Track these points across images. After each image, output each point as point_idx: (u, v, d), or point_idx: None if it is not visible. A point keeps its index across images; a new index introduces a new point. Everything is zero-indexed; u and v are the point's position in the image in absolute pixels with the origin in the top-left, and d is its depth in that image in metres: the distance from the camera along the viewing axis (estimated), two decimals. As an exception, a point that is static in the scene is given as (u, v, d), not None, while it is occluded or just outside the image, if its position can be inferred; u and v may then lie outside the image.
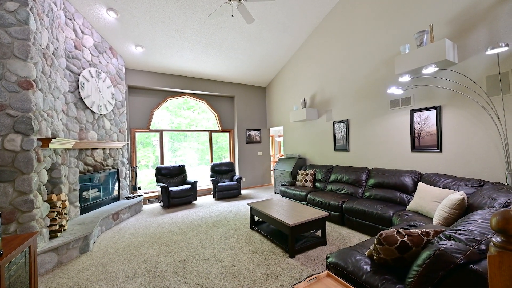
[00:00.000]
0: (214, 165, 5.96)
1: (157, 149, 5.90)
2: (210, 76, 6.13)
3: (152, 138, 6.16)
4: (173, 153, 6.39)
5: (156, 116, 5.83)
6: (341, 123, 4.52)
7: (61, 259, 2.53)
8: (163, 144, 5.85)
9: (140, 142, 5.78)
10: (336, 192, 4.00)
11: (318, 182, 4.61)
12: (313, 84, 5.25)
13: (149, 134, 5.82)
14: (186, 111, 6.43)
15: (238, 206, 4.80)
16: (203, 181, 6.54)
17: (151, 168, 6.11)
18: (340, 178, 4.13)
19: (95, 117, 3.95)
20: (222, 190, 5.41)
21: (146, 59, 5.02)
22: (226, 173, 6.05)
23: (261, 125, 7.14)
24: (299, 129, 5.74)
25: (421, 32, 3.00)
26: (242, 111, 6.79)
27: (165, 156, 6.17)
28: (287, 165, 5.54)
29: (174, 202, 4.80)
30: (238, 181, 5.64)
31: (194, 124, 6.47)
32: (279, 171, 5.70)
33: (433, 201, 2.50)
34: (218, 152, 7.04)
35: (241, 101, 6.78)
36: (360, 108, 4.17)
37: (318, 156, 5.17)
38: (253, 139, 6.95)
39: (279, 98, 6.56)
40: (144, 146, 5.84)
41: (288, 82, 6.11)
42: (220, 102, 6.69)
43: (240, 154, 6.72)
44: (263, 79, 6.73)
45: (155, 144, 6.36)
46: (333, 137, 4.71)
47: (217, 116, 6.56)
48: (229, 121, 6.81)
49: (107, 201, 4.23)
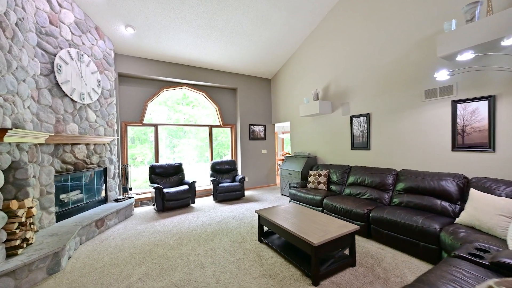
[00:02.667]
0: (215, 164, 5.40)
1: (153, 145, 5.32)
2: (210, 65, 5.53)
3: (150, 134, 5.65)
4: (171, 149, 5.88)
5: (152, 111, 5.25)
6: (361, 118, 3.96)
7: (19, 284, 1.98)
8: (158, 140, 5.27)
9: (138, 138, 5.24)
10: (357, 197, 3.45)
11: (333, 184, 4.06)
12: (327, 74, 4.67)
13: (145, 129, 5.24)
14: (185, 106, 5.87)
15: (242, 210, 4.26)
16: (202, 180, 5.99)
17: (147, 165, 5.61)
18: (360, 181, 3.58)
19: (76, 107, 3.37)
20: (223, 192, 4.86)
21: (139, 43, 4.42)
22: (228, 173, 5.50)
23: (265, 121, 6.57)
24: (309, 124, 5.18)
25: (473, 3, 2.43)
26: (245, 105, 6.22)
27: (163, 153, 5.63)
28: (296, 164, 4.98)
29: (169, 205, 4.24)
30: (241, 182, 5.09)
31: (193, 120, 5.90)
32: (287, 171, 5.15)
33: (498, 214, 1.95)
34: (217, 149, 6.49)
35: (244, 93, 6.20)
36: (384, 100, 3.60)
37: (331, 155, 4.61)
38: (257, 135, 6.38)
39: (286, 91, 5.98)
40: (142, 142, 5.29)
41: (297, 73, 5.53)
42: (222, 95, 6.10)
43: (243, 151, 6.16)
44: (268, 69, 6.14)
45: (152, 140, 5.82)
46: (351, 133, 4.15)
47: (218, 109, 5.98)
48: (231, 116, 6.23)
49: (91, 205, 3.67)
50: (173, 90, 5.46)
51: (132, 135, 5.19)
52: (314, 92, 4.62)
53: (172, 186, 4.69)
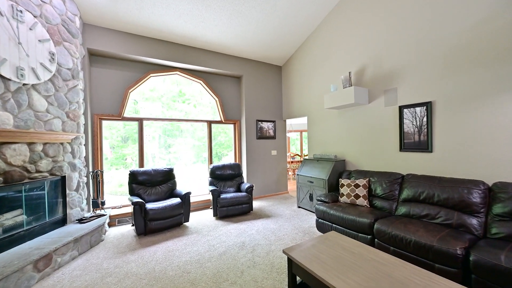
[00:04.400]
0: (215, 168, 4.31)
1: (148, 145, 4.24)
2: (210, 45, 4.43)
3: (144, 132, 4.67)
4: (166, 149, 4.86)
5: (142, 107, 4.14)
6: (417, 108, 2.90)
7: None
8: (143, 138, 4.16)
9: (129, 137, 4.25)
10: (425, 221, 2.38)
11: (377, 198, 3.00)
12: (360, 54, 3.61)
13: (137, 126, 4.15)
14: (181, 104, 4.85)
15: (252, 232, 3.18)
16: (199, 186, 4.92)
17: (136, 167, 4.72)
18: (425, 197, 2.52)
19: (10, 88, 2.25)
20: (226, 206, 3.77)
21: (115, 11, 3.31)
22: (231, 179, 4.41)
23: (275, 116, 5.49)
24: (335, 119, 4.12)
25: None
26: (252, 97, 5.13)
27: (157, 153, 4.71)
28: (319, 170, 3.91)
29: (154, 226, 3.14)
30: (249, 192, 4.01)
31: (190, 117, 4.82)
32: (306, 178, 4.07)
33: None
34: (215, 149, 5.44)
35: (251, 83, 5.12)
36: (455, 82, 2.55)
37: (368, 158, 3.55)
38: (265, 133, 5.30)
39: (301, 79, 4.90)
40: (134, 142, 4.26)
41: (317, 56, 4.46)
42: (223, 84, 5.01)
43: (249, 153, 5.07)
44: (280, 54, 5.06)
45: (149, 139, 4.76)
46: (399, 130, 3.10)
47: (218, 101, 4.89)
48: (234, 110, 5.14)
49: (39, 231, 2.55)
50: (163, 75, 4.35)
51: (124, 133, 4.20)
52: (345, 77, 3.55)
53: (159, 199, 3.58)
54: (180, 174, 5.57)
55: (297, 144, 10.34)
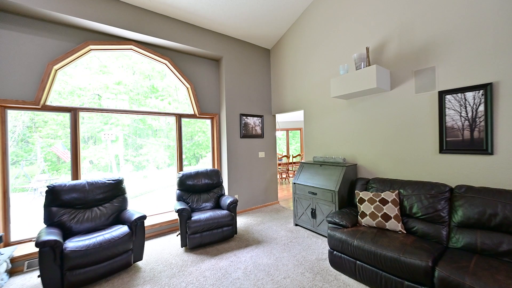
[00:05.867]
0: (185, 177, 3.19)
1: (112, 147, 3.04)
2: (178, 13, 3.30)
3: (104, 133, 3.55)
4: (136, 151, 4.05)
5: (107, 104, 2.89)
6: (467, 94, 2.09)
7: None
8: (77, 136, 2.89)
9: (93, 136, 3.15)
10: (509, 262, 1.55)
11: (415, 220, 2.14)
12: (379, 25, 2.76)
13: (103, 123, 2.88)
14: (154, 100, 3.78)
15: (238, 275, 2.13)
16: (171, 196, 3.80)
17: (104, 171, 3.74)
18: (499, 222, 1.69)
19: None
20: (200, 231, 2.68)
21: None
22: (208, 191, 3.33)
23: (263, 110, 4.50)
24: (341, 112, 3.23)
25: None
26: (235, 85, 4.08)
27: (122, 156, 3.85)
28: (324, 178, 2.99)
29: (79, 277, 1.95)
30: (232, 209, 2.96)
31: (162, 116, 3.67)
32: (307, 188, 3.13)
33: None
34: (192, 150, 4.37)
35: (233, 67, 4.06)
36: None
37: (390, 162, 2.70)
38: (251, 131, 4.28)
39: (296, 65, 3.97)
40: (99, 142, 3.11)
41: (316, 33, 3.55)
42: (197, 66, 3.89)
43: (231, 155, 4.01)
44: (268, 32, 4.08)
45: (106, 139, 3.59)
46: (439, 123, 2.27)
47: (190, 89, 3.76)
48: (212, 100, 4.05)
49: None
50: (111, 49, 3.12)
51: (84, 132, 3.09)
52: (359, 55, 2.67)
53: (96, 229, 2.38)
54: (150, 179, 4.45)
55: (280, 144, 9.46)
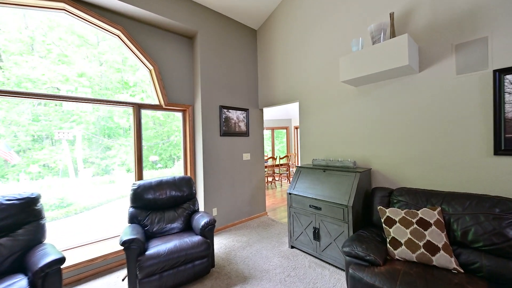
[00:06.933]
0: (142, 189, 2.30)
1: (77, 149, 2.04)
2: (133, -37, 2.39)
3: (58, 131, 2.57)
4: (103, 153, 3.12)
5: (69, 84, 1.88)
6: (540, 71, 1.50)
7: None
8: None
9: (48, 136, 2.34)
10: None
11: (473, 251, 1.50)
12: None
13: (63, 120, 1.84)
14: (125, 95, 2.92)
15: None
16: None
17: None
18: None
19: None
20: (158, 272, 1.81)
21: None
22: (175, 207, 2.46)
23: (248, 102, 3.71)
24: (349, 103, 2.56)
25: None
26: (213, 70, 3.24)
27: (77, 159, 2.87)
28: (331, 186, 2.27)
29: None
30: (208, 233, 2.13)
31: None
32: (307, 201, 2.39)
33: None
34: (169, 151, 3.51)
35: (211, 47, 3.22)
36: None
37: (418, 167, 2.06)
38: (233, 127, 3.47)
39: (288, 48, 3.24)
40: (58, 142, 2.19)
41: (317, 4, 2.85)
42: (164, 43, 2.99)
43: (209, 158, 3.16)
44: (254, 8, 3.31)
45: (60, 138, 2.60)
46: (494, 115, 1.66)
47: (154, 72, 2.85)
48: (183, 88, 3.17)
49: None
50: (27, 8, 2.11)
51: (39, 131, 2.16)
52: (378, 25, 2.00)
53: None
54: (118, 184, 3.46)
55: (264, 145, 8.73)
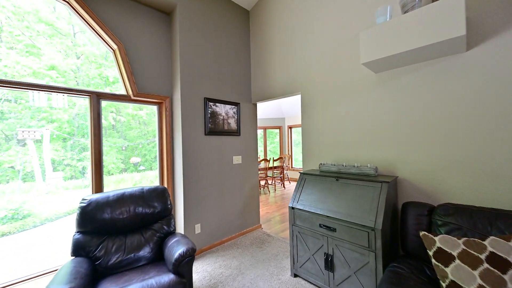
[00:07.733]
0: (94, 207, 1.66)
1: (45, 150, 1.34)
2: None
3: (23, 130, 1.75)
4: (79, 154, 2.12)
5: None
6: None
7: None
8: None
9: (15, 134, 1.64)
10: None
11: None
12: None
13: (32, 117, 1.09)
14: None
15: None
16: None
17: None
18: None
19: None
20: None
21: None
22: (141, 229, 1.83)
23: (240, 95, 3.13)
24: (367, 93, 2.05)
25: None
26: (197, 54, 2.64)
27: (44, 161, 1.96)
28: (347, 200, 1.74)
29: None
30: (183, 268, 1.53)
31: None
32: (317, 218, 1.84)
33: None
34: (152, 153, 2.85)
35: (194, 26, 2.62)
36: None
37: (467, 175, 1.56)
38: (222, 125, 2.88)
39: (288, 29, 2.71)
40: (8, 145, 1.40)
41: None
42: (133, 17, 2.36)
43: (190, 162, 2.55)
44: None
45: (25, 138, 1.78)
46: None
47: (119, 53, 2.21)
48: (159, 76, 2.55)
49: None
50: None
51: (4, 130, 1.37)
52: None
53: None
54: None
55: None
